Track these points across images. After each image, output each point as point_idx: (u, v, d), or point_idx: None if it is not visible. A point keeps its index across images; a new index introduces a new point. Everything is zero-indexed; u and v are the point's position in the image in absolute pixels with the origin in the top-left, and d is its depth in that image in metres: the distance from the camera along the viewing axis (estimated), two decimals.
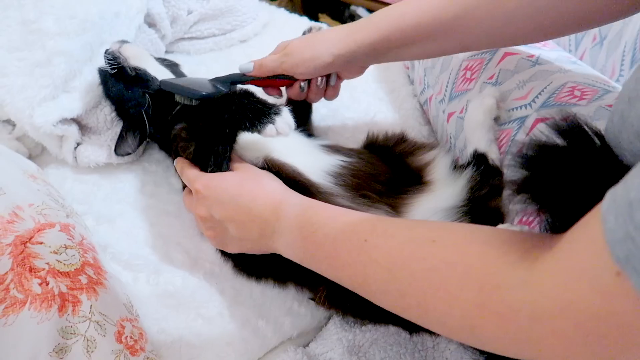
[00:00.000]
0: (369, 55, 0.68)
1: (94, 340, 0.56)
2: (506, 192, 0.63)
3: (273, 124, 0.60)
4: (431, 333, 0.66)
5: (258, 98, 0.63)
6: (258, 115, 0.60)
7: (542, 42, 0.76)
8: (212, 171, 0.64)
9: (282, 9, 1.23)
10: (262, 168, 0.65)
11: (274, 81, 0.74)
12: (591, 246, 0.30)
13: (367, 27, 0.67)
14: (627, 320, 0.28)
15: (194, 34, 1.06)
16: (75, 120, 0.83)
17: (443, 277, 0.40)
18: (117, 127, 0.85)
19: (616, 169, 0.37)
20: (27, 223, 0.60)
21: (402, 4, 0.65)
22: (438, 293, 0.40)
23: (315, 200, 0.59)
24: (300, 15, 1.22)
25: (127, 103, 0.77)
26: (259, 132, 0.60)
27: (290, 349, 0.65)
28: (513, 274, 0.36)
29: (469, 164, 0.69)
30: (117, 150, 0.82)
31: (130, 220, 0.78)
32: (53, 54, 0.79)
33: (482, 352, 0.61)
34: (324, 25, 0.81)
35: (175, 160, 0.71)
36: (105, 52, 0.77)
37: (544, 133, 0.41)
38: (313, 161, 0.67)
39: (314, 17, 1.67)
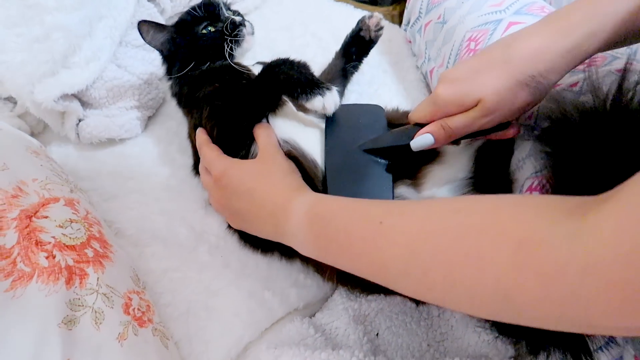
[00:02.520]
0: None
1: (102, 312, 0.57)
2: (516, 158, 0.63)
3: (322, 96, 0.61)
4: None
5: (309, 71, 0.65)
6: (311, 84, 0.62)
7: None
8: (238, 144, 0.65)
9: None
10: (285, 152, 0.64)
11: None
12: None
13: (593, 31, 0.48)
14: None
15: None
16: (77, 96, 0.83)
17: (472, 243, 0.37)
18: (119, 102, 0.85)
19: None
20: (32, 198, 0.60)
21: None
22: (467, 260, 0.37)
23: (324, 195, 0.58)
24: None
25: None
26: (306, 100, 0.61)
27: (297, 320, 0.65)
28: (557, 229, 0.33)
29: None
30: (146, 36, 0.76)
31: (135, 196, 0.78)
32: (51, 29, 0.78)
33: (487, 320, 0.61)
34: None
35: (197, 130, 0.70)
36: None
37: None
38: None
39: None
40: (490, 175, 0.62)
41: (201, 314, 0.67)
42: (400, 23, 1.04)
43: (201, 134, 0.68)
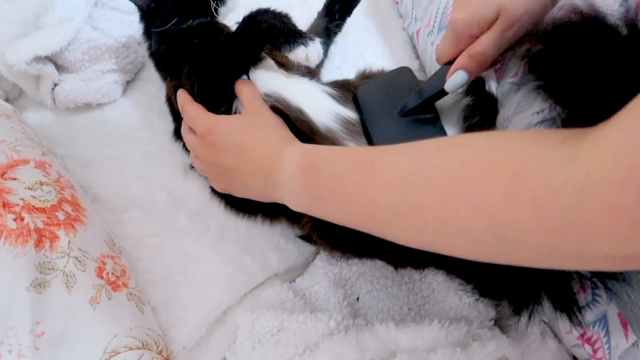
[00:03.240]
0: None
1: (74, 275, 0.55)
2: (501, 117, 0.61)
3: (306, 46, 0.60)
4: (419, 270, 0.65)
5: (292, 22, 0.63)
6: (294, 34, 0.60)
7: None
8: (219, 100, 0.63)
9: None
10: (270, 107, 0.62)
11: None
12: None
13: None
14: None
15: None
16: (51, 59, 0.80)
17: (465, 177, 0.36)
18: (96, 66, 0.82)
19: None
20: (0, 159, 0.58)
21: None
22: (460, 195, 0.36)
23: (316, 145, 0.57)
24: None
25: None
26: (289, 50, 0.60)
27: (276, 284, 0.64)
28: (552, 156, 0.32)
29: (464, 91, 0.66)
30: None
31: (112, 161, 0.76)
32: None
33: (469, 282, 0.60)
34: None
35: (177, 92, 0.67)
36: None
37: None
38: (322, 106, 0.64)
39: None
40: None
41: (180, 280, 0.66)
42: None
43: (182, 94, 0.66)
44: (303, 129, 0.60)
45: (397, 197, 0.40)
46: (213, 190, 0.69)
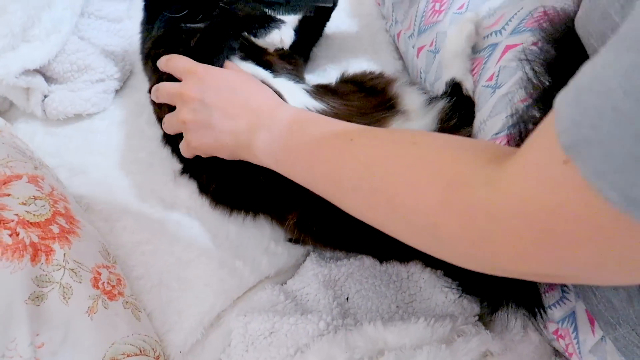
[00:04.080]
0: None
1: (70, 287, 0.57)
2: (478, 120, 0.63)
3: (279, 29, 0.64)
4: (405, 263, 0.67)
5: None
6: (267, 18, 0.65)
7: None
8: None
9: None
10: None
11: None
12: (544, 140, 0.30)
13: None
14: (575, 212, 0.28)
15: None
16: (40, 72, 0.81)
17: (415, 174, 0.40)
18: (84, 76, 0.83)
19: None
20: None
21: None
22: (407, 189, 0.40)
23: (309, 111, 0.61)
24: None
25: None
26: (265, 35, 0.64)
27: (268, 287, 0.66)
28: (479, 173, 0.35)
29: (443, 94, 0.68)
30: None
31: (103, 170, 0.78)
32: (8, 1, 0.76)
33: (454, 279, 0.63)
34: None
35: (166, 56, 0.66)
36: None
37: None
38: (298, 99, 0.66)
39: None
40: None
41: (174, 285, 0.67)
42: None
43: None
44: None
45: (360, 174, 0.45)
46: (201, 191, 0.71)
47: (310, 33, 0.86)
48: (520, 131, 0.53)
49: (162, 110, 0.69)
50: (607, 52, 0.27)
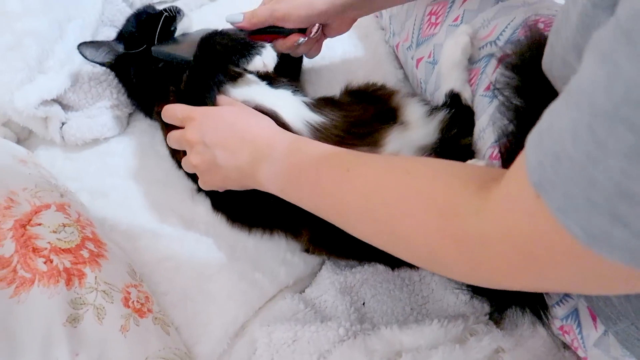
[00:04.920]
0: (363, 2, 0.69)
1: (103, 307, 0.61)
2: (477, 129, 0.66)
3: (260, 55, 0.64)
4: (416, 268, 0.70)
5: (242, 35, 0.68)
6: (247, 46, 0.65)
7: None
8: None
9: None
10: None
11: (263, 36, 0.72)
12: (520, 173, 0.33)
13: None
14: (550, 240, 0.31)
15: None
16: (57, 100, 0.85)
17: (411, 205, 0.43)
18: (99, 102, 0.87)
19: None
20: (24, 207, 0.63)
21: None
22: (405, 220, 0.43)
23: (306, 137, 0.63)
24: None
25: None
26: (247, 63, 0.64)
27: (288, 296, 0.70)
28: (470, 202, 0.38)
29: (443, 105, 0.71)
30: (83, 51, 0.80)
31: (123, 191, 0.81)
32: (22, 35, 0.79)
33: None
34: None
35: (163, 108, 0.70)
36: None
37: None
38: (295, 112, 0.69)
39: None
40: (453, 145, 0.66)
41: (198, 299, 0.71)
42: None
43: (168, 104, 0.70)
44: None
45: (361, 205, 0.48)
46: (216, 207, 0.75)
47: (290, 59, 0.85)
48: (506, 145, 0.57)
49: (179, 154, 0.73)
50: (560, 102, 0.30)
